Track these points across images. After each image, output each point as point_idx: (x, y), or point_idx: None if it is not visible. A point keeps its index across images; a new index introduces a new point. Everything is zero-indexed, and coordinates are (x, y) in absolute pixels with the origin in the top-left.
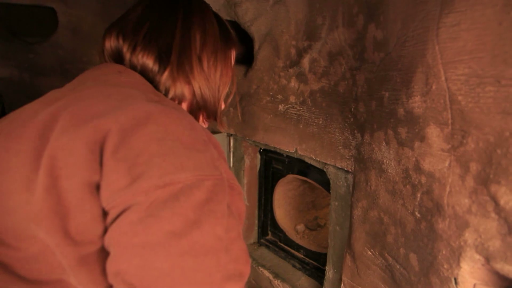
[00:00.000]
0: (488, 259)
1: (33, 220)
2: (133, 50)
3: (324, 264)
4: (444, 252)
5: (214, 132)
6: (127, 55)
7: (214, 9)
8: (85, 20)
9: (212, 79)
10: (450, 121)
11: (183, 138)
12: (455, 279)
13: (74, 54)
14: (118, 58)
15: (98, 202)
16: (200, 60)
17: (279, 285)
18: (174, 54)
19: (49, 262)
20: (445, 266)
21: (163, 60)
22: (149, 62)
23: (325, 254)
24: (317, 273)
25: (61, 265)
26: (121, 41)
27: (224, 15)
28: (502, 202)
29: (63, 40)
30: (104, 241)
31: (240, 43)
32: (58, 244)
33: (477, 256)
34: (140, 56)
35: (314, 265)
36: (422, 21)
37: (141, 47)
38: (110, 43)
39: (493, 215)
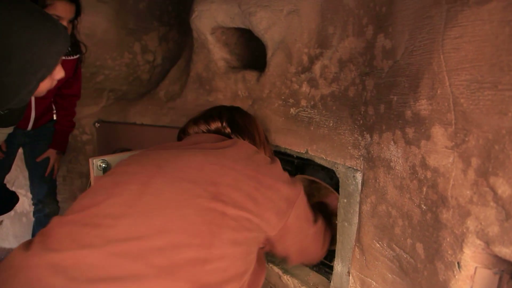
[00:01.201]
0: (488, 244)
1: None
2: (234, 133)
3: (331, 260)
4: (448, 239)
5: None
6: (229, 134)
7: (229, 17)
8: (99, 26)
9: (267, 153)
10: (453, 121)
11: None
12: (458, 263)
13: (87, 59)
14: (218, 133)
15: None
16: (264, 146)
17: (288, 280)
18: (258, 143)
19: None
20: (449, 252)
21: (256, 146)
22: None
23: (332, 251)
24: (324, 269)
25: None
26: (228, 130)
27: (239, 23)
28: (499, 191)
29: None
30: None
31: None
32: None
33: (478, 241)
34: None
35: (321, 261)
36: (429, 33)
37: (247, 139)
38: (218, 127)
39: (492, 203)
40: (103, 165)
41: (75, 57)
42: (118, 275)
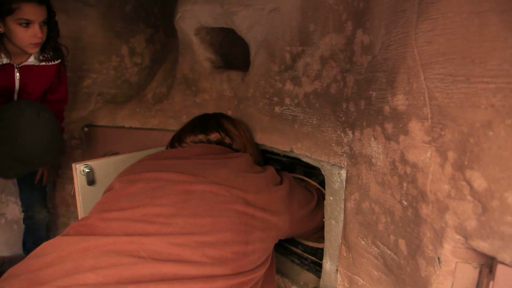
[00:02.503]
0: (466, 238)
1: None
2: (233, 143)
3: (321, 258)
4: (428, 234)
5: None
6: (231, 144)
7: (212, 17)
8: (86, 30)
9: (255, 151)
10: (429, 116)
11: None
12: (439, 259)
13: (74, 63)
14: (218, 143)
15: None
16: (252, 146)
17: (279, 279)
18: (248, 145)
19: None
20: (429, 248)
21: (246, 148)
22: (241, 149)
23: (322, 249)
24: (315, 267)
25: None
26: (228, 140)
27: (222, 23)
28: (475, 185)
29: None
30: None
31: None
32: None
33: (457, 236)
34: (237, 147)
35: (312, 260)
36: (403, 27)
37: (238, 144)
38: (217, 136)
39: (469, 197)
40: (87, 170)
41: (56, 62)
42: (180, 259)
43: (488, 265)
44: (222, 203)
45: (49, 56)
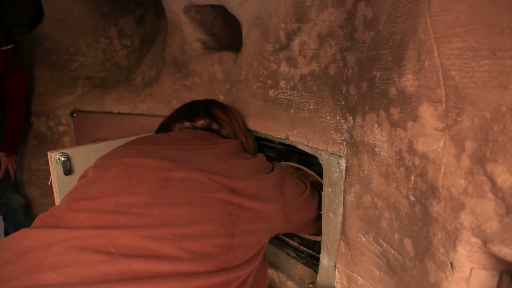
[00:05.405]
0: (485, 242)
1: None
2: (221, 129)
3: (319, 252)
4: (439, 236)
5: None
6: (218, 131)
7: None
8: (71, 10)
9: (248, 140)
10: (444, 99)
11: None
12: (451, 264)
13: (60, 45)
14: (205, 129)
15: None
16: (244, 134)
17: (273, 273)
18: (239, 133)
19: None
20: (440, 251)
21: (237, 136)
22: (232, 136)
23: (320, 242)
24: (312, 261)
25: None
26: (215, 126)
27: (212, 0)
28: (499, 181)
29: (49, 30)
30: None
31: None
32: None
33: (474, 239)
34: (225, 133)
35: (309, 253)
36: None
37: (227, 130)
38: (204, 123)
39: (490, 195)
40: (63, 159)
41: (8, 47)
42: (154, 255)
43: (509, 272)
44: (204, 192)
45: (1, 41)
